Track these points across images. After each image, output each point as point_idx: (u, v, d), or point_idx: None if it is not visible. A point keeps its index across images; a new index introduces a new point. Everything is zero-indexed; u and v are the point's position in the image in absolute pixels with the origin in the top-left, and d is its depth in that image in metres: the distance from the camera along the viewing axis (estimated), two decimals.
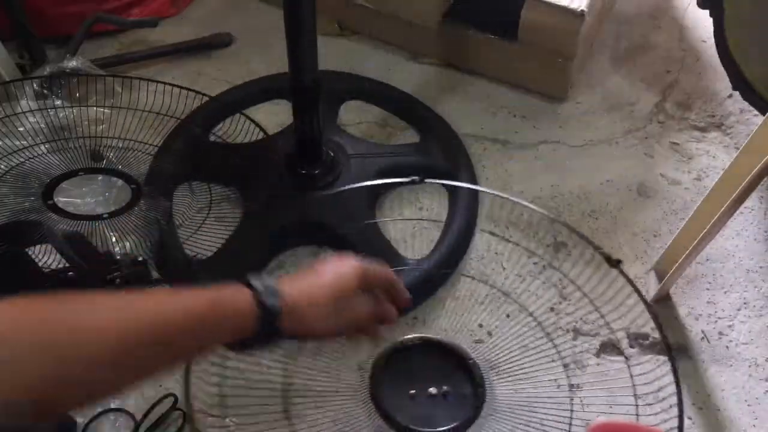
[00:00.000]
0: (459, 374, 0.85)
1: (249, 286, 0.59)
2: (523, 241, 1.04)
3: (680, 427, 0.80)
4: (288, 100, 1.23)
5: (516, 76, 1.26)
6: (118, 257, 0.96)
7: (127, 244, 0.98)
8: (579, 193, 1.12)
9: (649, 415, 0.86)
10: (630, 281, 0.93)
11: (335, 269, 0.64)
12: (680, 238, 0.92)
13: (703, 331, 0.97)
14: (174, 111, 1.13)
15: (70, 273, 0.87)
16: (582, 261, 0.96)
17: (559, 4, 1.10)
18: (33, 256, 0.88)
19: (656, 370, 0.89)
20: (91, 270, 0.90)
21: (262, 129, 1.13)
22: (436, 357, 0.87)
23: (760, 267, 1.03)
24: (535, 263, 1.01)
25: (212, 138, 1.17)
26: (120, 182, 1.04)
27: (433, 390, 0.83)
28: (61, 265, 0.88)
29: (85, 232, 0.98)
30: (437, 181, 1.09)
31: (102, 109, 1.13)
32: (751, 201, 1.11)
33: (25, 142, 1.06)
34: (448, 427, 0.81)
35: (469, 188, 1.10)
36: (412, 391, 0.83)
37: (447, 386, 0.84)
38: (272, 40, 1.35)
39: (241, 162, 1.09)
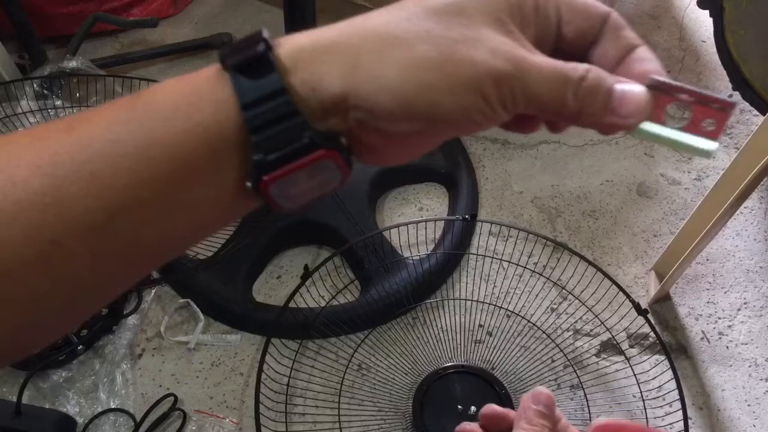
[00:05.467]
0: (489, 397, 0.87)
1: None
2: (523, 241, 1.04)
3: (686, 428, 0.81)
4: None
5: None
6: None
7: None
8: (579, 193, 1.12)
9: (656, 417, 0.86)
10: (622, 289, 0.93)
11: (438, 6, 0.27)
12: (680, 238, 0.92)
13: (703, 331, 0.97)
14: None
15: None
16: (582, 261, 0.96)
17: None
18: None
19: (656, 368, 0.89)
20: None
21: None
22: (473, 383, 0.88)
23: (760, 267, 1.03)
24: (535, 263, 1.01)
25: None
26: None
27: (469, 412, 0.85)
28: None
29: None
30: (487, 220, 1.09)
31: None
32: (751, 201, 1.11)
33: None
34: None
35: (470, 190, 1.10)
36: (451, 412, 0.85)
37: (477, 407, 0.86)
38: None
39: None
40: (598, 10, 0.29)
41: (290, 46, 0.27)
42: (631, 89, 0.28)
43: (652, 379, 0.89)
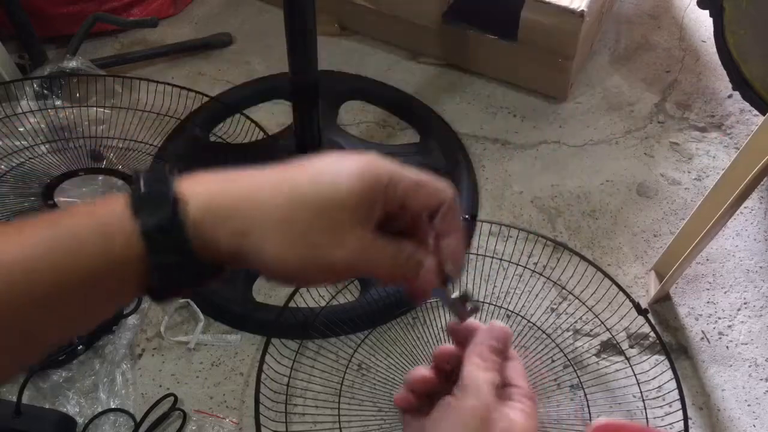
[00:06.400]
0: None
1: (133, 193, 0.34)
2: (523, 241, 1.04)
3: (686, 428, 0.81)
4: (288, 100, 1.23)
5: (516, 76, 1.26)
6: None
7: None
8: (579, 193, 1.12)
9: (656, 417, 0.86)
10: (622, 289, 0.93)
11: (325, 167, 0.36)
12: (680, 238, 0.92)
13: (703, 331, 0.97)
14: (174, 111, 1.13)
15: None
16: (582, 261, 0.96)
17: (559, 4, 1.10)
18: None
19: (656, 368, 0.90)
20: None
21: (262, 129, 1.13)
22: None
23: (760, 267, 1.03)
24: (535, 263, 1.01)
25: (212, 138, 1.17)
26: (120, 182, 1.04)
27: None
28: None
29: None
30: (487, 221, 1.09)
31: (102, 109, 1.13)
32: (751, 201, 1.11)
33: (25, 143, 1.06)
34: None
35: (470, 190, 1.10)
36: None
37: None
38: (272, 40, 1.35)
39: (241, 162, 1.09)
40: (432, 200, 0.38)
41: (198, 203, 0.34)
42: (426, 276, 0.38)
43: (652, 379, 0.89)
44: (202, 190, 0.35)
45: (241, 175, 0.36)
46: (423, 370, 0.42)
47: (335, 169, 0.36)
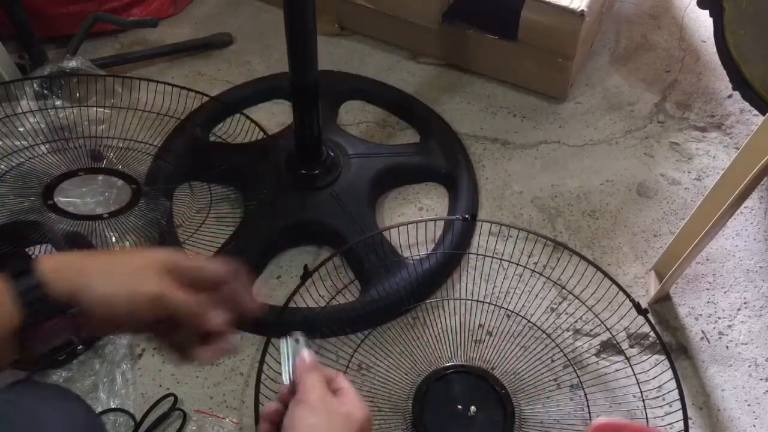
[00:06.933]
0: (489, 398, 0.87)
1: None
2: (523, 240, 1.04)
3: (686, 428, 0.81)
4: (288, 100, 1.23)
5: (516, 76, 1.26)
6: None
7: (127, 244, 0.98)
8: (579, 193, 1.12)
9: (656, 417, 0.86)
10: (622, 289, 0.93)
11: (137, 251, 0.57)
12: (680, 238, 0.92)
13: (703, 331, 0.97)
14: (174, 111, 1.13)
15: None
16: (582, 261, 0.96)
17: (559, 4, 1.10)
18: (33, 256, 0.88)
19: (656, 368, 0.89)
20: None
21: (262, 129, 1.13)
22: (473, 383, 0.88)
23: (760, 267, 1.03)
24: (535, 263, 1.01)
25: (212, 138, 1.17)
26: (120, 182, 1.04)
27: (468, 412, 0.85)
28: None
29: (85, 232, 0.98)
30: (487, 221, 1.09)
31: (102, 109, 1.13)
32: (751, 201, 1.11)
33: (25, 143, 1.06)
34: None
35: (470, 190, 1.10)
36: (451, 412, 0.85)
37: (477, 408, 0.85)
38: (272, 40, 1.35)
39: (241, 162, 1.09)
40: (214, 276, 0.56)
41: (49, 265, 0.50)
42: (215, 316, 0.56)
43: (652, 379, 0.89)
44: (53, 261, 0.51)
45: (80, 256, 0.53)
46: (272, 404, 0.55)
47: (143, 252, 0.55)
